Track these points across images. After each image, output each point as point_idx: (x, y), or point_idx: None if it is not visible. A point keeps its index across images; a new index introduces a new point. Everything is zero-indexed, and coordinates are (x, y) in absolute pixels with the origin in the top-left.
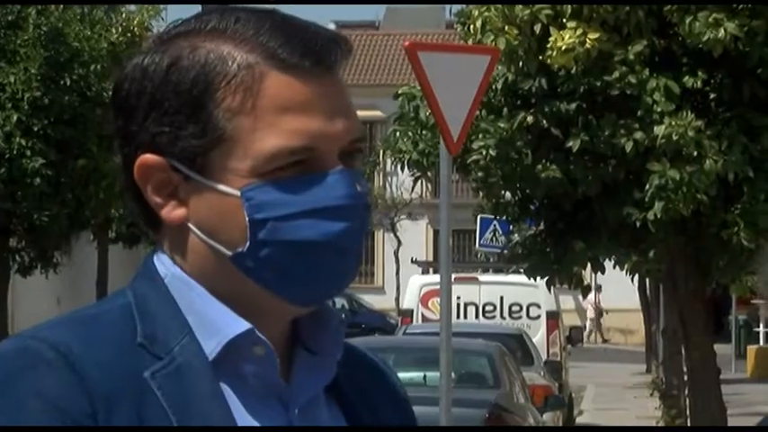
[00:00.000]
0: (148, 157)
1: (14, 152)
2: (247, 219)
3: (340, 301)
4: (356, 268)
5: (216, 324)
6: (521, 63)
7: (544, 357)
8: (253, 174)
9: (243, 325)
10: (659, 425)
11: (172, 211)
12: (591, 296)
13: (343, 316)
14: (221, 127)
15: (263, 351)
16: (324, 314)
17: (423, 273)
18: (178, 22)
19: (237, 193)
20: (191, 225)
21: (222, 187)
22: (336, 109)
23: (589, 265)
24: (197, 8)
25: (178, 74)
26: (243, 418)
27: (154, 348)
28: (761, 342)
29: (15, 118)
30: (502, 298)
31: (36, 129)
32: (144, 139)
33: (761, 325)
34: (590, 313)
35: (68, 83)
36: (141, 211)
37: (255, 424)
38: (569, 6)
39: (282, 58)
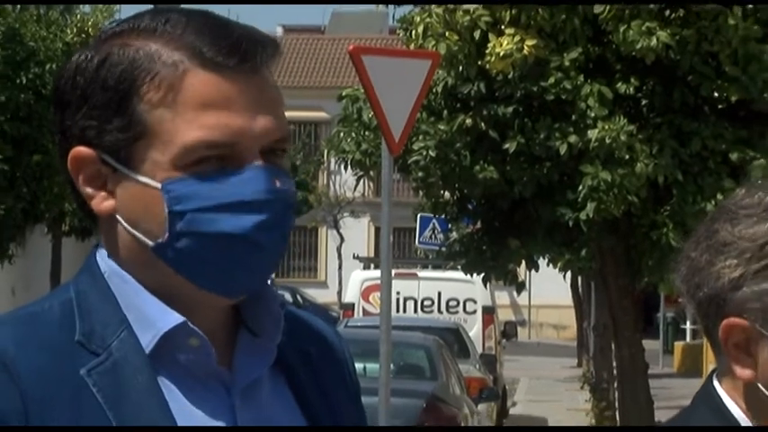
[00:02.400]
0: (80, 149)
1: None
2: (166, 210)
3: (284, 295)
4: (275, 261)
5: (150, 318)
6: (460, 68)
7: (480, 351)
8: (173, 166)
9: (176, 318)
10: (589, 416)
11: (101, 203)
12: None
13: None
14: (144, 120)
15: (197, 342)
16: (265, 298)
17: (364, 268)
18: (115, 23)
19: (158, 185)
20: (118, 216)
21: (144, 179)
22: (259, 107)
23: (523, 262)
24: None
25: (107, 70)
26: (183, 407)
27: (91, 345)
28: (687, 339)
29: None
30: (440, 293)
31: None
32: (76, 132)
33: (687, 322)
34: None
35: (24, 81)
36: (80, 203)
37: (196, 411)
38: (508, 14)
39: (207, 57)
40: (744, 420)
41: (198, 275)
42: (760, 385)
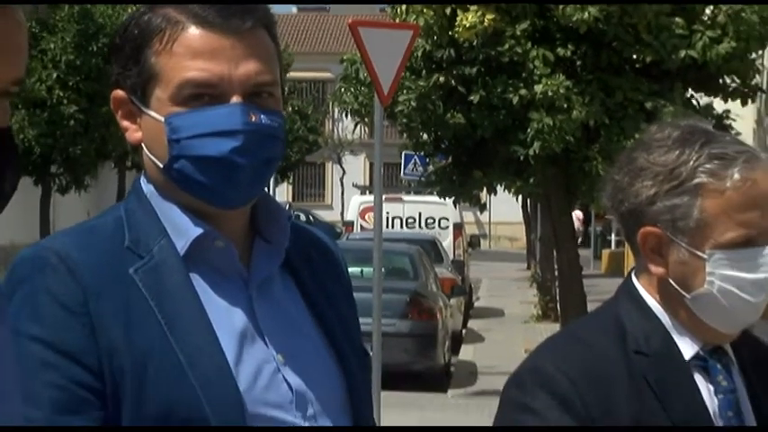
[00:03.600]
0: (117, 91)
1: (54, 101)
2: (166, 138)
3: (300, 215)
4: (256, 180)
5: (183, 228)
6: (435, 37)
7: (451, 257)
8: (172, 102)
9: (203, 227)
10: (536, 308)
11: (133, 134)
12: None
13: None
14: (151, 65)
15: (222, 244)
16: (275, 211)
17: (361, 194)
18: None
19: (162, 118)
20: (142, 145)
21: (153, 113)
22: (244, 57)
23: (485, 188)
24: None
25: (131, 30)
26: (210, 297)
27: (138, 250)
28: (612, 247)
29: (55, 75)
30: (420, 213)
31: (71, 83)
32: (114, 79)
33: (613, 234)
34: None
35: (95, 49)
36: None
37: (221, 301)
38: None
39: (201, 16)
40: (656, 308)
41: (196, 190)
42: (670, 280)
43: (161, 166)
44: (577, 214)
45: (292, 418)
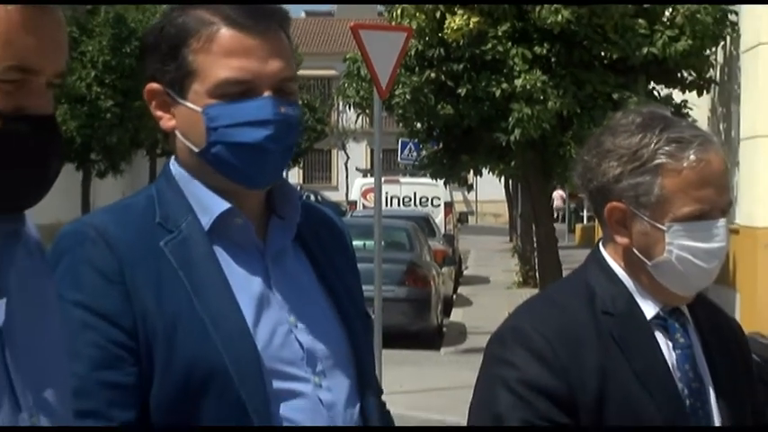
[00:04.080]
0: (152, 84)
1: (92, 97)
2: (205, 126)
3: (310, 195)
4: (281, 164)
5: (207, 205)
6: (426, 38)
7: (443, 232)
8: (210, 96)
9: (226, 204)
10: (518, 276)
11: (167, 122)
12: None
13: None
14: (189, 63)
15: (241, 221)
16: (288, 192)
17: (363, 177)
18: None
19: (199, 109)
20: (176, 131)
21: (190, 105)
22: (272, 56)
23: (471, 171)
24: None
25: (167, 30)
26: (231, 267)
27: (167, 225)
28: (584, 222)
29: (93, 74)
30: (415, 193)
31: (107, 81)
32: (149, 73)
33: (585, 210)
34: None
35: (128, 51)
36: (158, 126)
37: (240, 270)
38: None
39: (233, 18)
40: (621, 274)
41: (229, 172)
42: (634, 249)
43: (197, 150)
44: (560, 193)
45: (303, 373)
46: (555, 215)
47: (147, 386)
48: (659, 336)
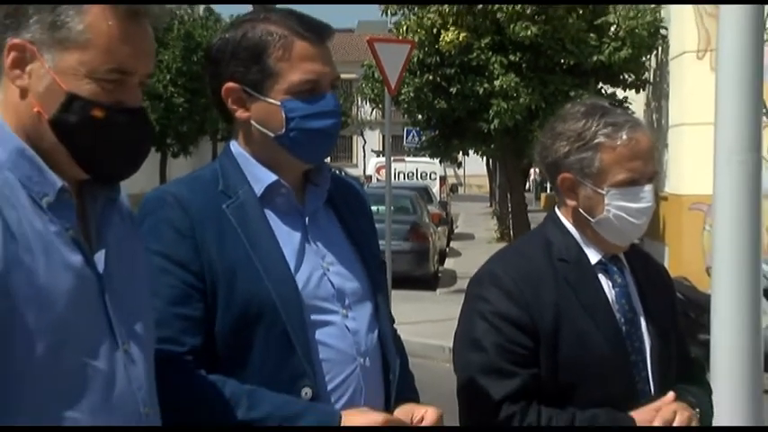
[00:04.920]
0: (230, 84)
1: (168, 95)
2: (284, 116)
3: (336, 170)
4: (333, 144)
5: (260, 177)
6: (425, 48)
7: (438, 199)
8: (286, 92)
9: (273, 177)
10: (496, 233)
11: (242, 114)
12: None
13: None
14: (271, 67)
15: (286, 190)
16: (321, 165)
17: (376, 157)
18: (244, 15)
19: (278, 103)
20: (252, 121)
21: (271, 100)
22: (328, 61)
23: (461, 152)
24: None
25: (247, 40)
26: (278, 225)
27: (228, 192)
28: (548, 191)
29: (168, 77)
30: (417, 169)
31: (179, 83)
32: (227, 75)
33: (548, 183)
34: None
35: (195, 59)
36: (222, 115)
37: (285, 227)
38: (451, 19)
39: (300, 33)
40: (572, 229)
41: (301, 152)
42: (580, 209)
43: (273, 135)
44: (536, 169)
45: (334, 306)
46: (528, 186)
47: (212, 319)
48: (601, 277)
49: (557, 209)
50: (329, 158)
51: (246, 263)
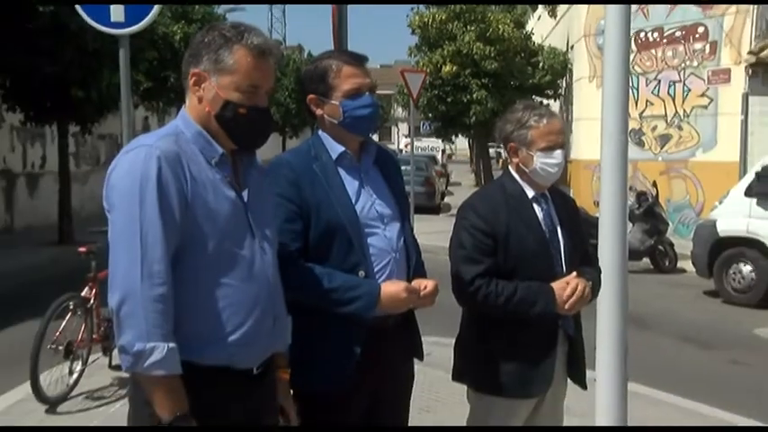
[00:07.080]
0: (311, 96)
1: (286, 103)
2: (342, 110)
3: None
4: (375, 126)
5: (334, 148)
6: (433, 75)
7: (441, 162)
8: (343, 96)
9: (341, 148)
10: (473, 181)
11: (319, 112)
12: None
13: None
14: (333, 85)
15: (349, 155)
16: (369, 140)
17: (405, 138)
18: (318, 54)
19: (338, 103)
20: (325, 116)
21: (334, 102)
22: (367, 76)
23: (454, 134)
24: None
25: (318, 69)
26: (345, 177)
27: (316, 157)
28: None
29: (286, 93)
30: (428, 145)
31: (292, 96)
32: (309, 90)
33: None
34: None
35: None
36: (309, 114)
37: (350, 178)
38: (448, 59)
39: (348, 61)
40: (517, 178)
41: (356, 131)
42: (521, 165)
43: (336, 122)
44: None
45: (378, 224)
46: (492, 155)
47: (306, 233)
48: (534, 205)
49: (510, 166)
50: (377, 138)
51: (327, 201)
